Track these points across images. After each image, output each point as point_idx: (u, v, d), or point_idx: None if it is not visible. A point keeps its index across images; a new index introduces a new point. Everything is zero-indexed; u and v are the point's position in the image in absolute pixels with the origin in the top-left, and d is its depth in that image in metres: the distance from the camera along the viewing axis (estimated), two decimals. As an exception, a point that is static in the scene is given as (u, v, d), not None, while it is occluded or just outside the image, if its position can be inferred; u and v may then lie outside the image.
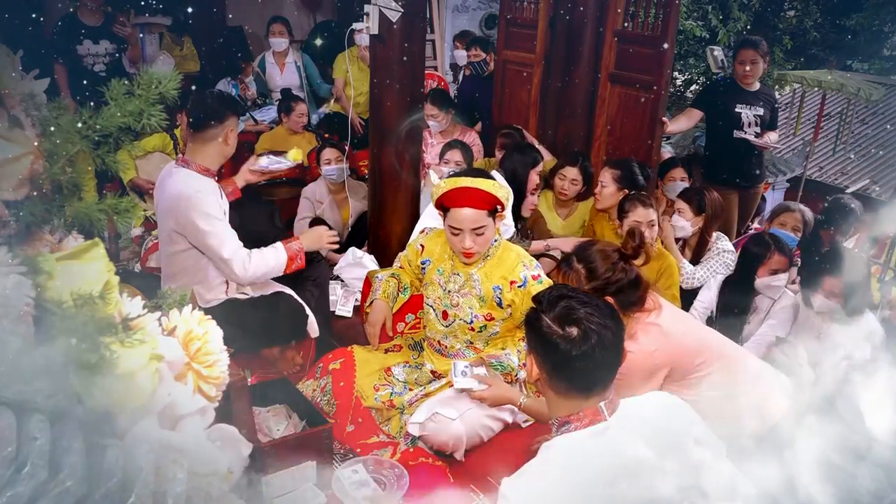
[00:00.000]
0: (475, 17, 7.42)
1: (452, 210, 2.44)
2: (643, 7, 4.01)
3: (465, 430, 2.40)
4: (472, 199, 2.41)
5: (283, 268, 2.80)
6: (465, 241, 2.44)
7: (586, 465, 1.40)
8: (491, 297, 2.52)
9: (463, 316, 2.58)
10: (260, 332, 2.83)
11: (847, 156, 8.16)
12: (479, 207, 2.41)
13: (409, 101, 3.49)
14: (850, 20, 7.57)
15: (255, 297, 2.93)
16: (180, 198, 2.62)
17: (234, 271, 2.68)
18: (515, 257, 2.54)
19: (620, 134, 4.24)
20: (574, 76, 4.36)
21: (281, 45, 5.61)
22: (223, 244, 2.64)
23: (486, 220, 2.43)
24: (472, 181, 2.46)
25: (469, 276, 2.56)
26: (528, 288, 2.48)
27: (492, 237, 2.51)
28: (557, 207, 4.09)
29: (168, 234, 2.73)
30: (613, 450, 1.41)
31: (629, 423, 1.45)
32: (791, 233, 3.69)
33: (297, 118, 5.01)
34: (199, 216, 2.60)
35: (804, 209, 3.84)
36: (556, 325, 1.44)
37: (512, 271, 2.51)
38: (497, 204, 2.46)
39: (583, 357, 1.41)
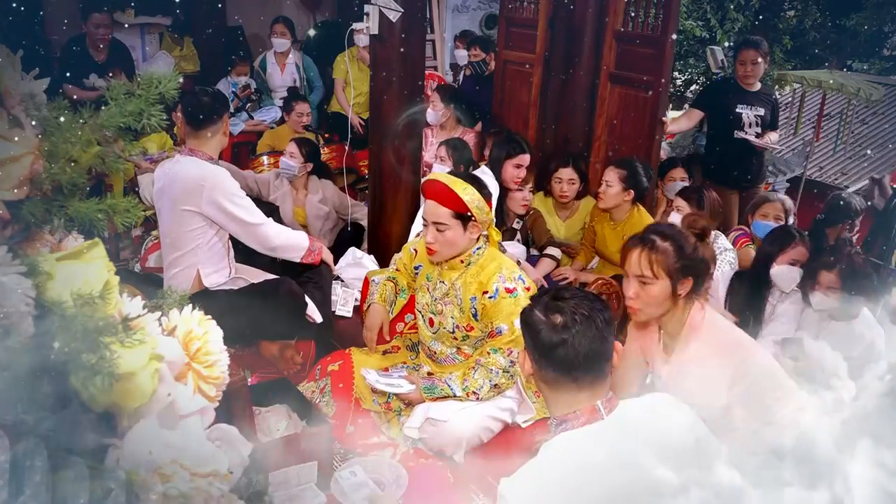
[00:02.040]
0: (475, 17, 7.42)
1: (424, 201, 2.50)
2: (643, 7, 4.01)
3: (463, 431, 2.40)
4: (435, 192, 2.44)
5: (303, 249, 3.09)
6: (428, 234, 2.46)
7: (584, 465, 1.40)
8: (468, 307, 2.49)
9: (446, 325, 2.56)
10: (261, 317, 2.91)
11: (847, 156, 8.15)
12: (441, 203, 2.41)
13: (409, 101, 3.49)
14: (850, 20, 7.57)
15: (255, 282, 3.05)
16: (203, 179, 2.81)
17: (268, 234, 2.95)
18: (495, 268, 2.47)
19: (620, 134, 4.24)
20: (574, 76, 4.35)
21: (283, 45, 5.61)
22: (254, 213, 2.92)
23: (450, 219, 2.41)
24: (441, 175, 2.51)
25: (452, 284, 2.53)
26: (497, 300, 2.41)
27: (456, 240, 2.45)
28: (558, 210, 4.09)
29: (178, 215, 2.86)
30: (611, 449, 1.41)
31: (627, 422, 1.46)
32: (773, 223, 3.67)
33: (299, 118, 5.02)
34: (226, 194, 2.84)
35: (783, 198, 3.82)
36: (541, 314, 1.48)
37: (487, 281, 2.46)
38: (463, 209, 2.41)
39: (563, 343, 1.43)
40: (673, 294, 2.01)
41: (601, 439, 1.43)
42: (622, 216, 3.67)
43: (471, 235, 2.47)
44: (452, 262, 2.53)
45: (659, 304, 2.03)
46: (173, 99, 1.32)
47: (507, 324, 2.40)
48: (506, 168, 3.65)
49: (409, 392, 2.45)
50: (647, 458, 1.38)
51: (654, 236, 2.04)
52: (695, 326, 2.07)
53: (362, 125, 5.38)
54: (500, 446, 2.45)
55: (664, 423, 1.49)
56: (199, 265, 2.93)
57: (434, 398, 2.47)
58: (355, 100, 5.28)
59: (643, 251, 2.02)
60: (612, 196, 3.63)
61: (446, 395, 2.46)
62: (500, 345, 2.42)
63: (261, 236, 2.96)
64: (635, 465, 1.38)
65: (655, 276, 2.00)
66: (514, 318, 2.38)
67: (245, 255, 3.15)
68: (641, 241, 2.05)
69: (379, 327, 2.72)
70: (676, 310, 2.07)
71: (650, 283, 2.01)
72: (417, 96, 3.58)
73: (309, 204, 4.09)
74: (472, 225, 2.44)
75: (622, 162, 3.72)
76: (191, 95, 2.90)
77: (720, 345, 2.05)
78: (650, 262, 2.00)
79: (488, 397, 2.45)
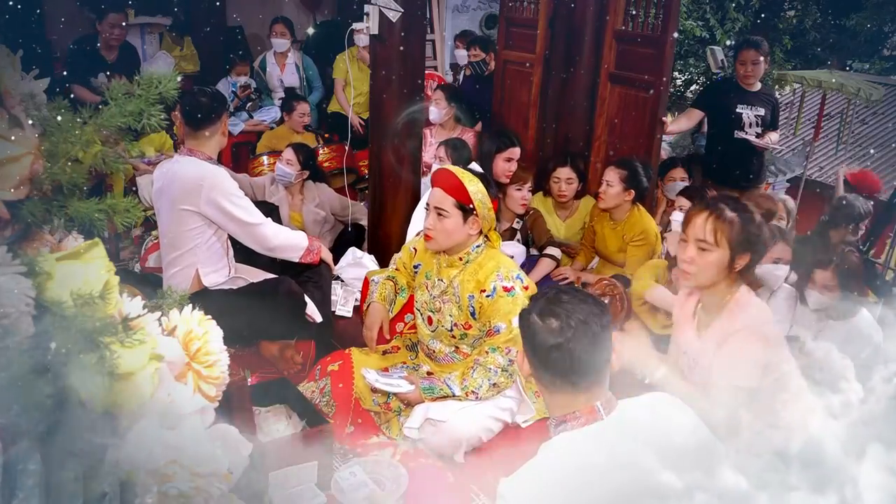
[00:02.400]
0: (475, 17, 7.42)
1: (431, 190, 2.54)
2: (643, 7, 4.01)
3: (463, 431, 2.40)
4: (443, 180, 2.48)
5: (302, 249, 3.08)
6: (428, 219, 2.49)
7: (584, 465, 1.40)
8: (466, 305, 2.50)
9: (444, 323, 2.56)
10: (260, 317, 2.92)
11: (847, 156, 8.15)
12: (447, 191, 2.45)
13: (409, 101, 3.49)
14: (850, 20, 7.56)
15: (255, 282, 3.06)
16: (202, 179, 2.82)
17: (266, 234, 2.95)
18: (493, 266, 2.49)
19: (620, 134, 4.24)
20: (574, 76, 4.35)
21: (283, 45, 5.61)
22: (252, 213, 2.93)
23: (452, 208, 2.44)
24: (452, 167, 2.56)
25: (450, 282, 2.54)
26: (495, 299, 2.43)
27: (454, 231, 2.47)
28: (557, 210, 4.09)
29: (177, 215, 2.87)
30: (610, 450, 1.41)
31: (627, 423, 1.46)
32: (775, 222, 3.66)
33: (299, 118, 5.02)
34: (224, 194, 2.85)
35: (786, 198, 3.84)
36: (538, 318, 1.47)
37: (485, 280, 2.47)
38: (466, 200, 2.45)
39: (558, 347, 1.43)
40: (729, 266, 2.00)
41: (600, 440, 1.43)
42: (622, 216, 3.67)
43: (469, 230, 2.48)
44: (451, 259, 2.54)
45: (713, 273, 2.02)
46: (173, 99, 1.32)
47: (505, 322, 2.41)
48: (497, 162, 3.65)
49: (409, 392, 2.45)
50: (647, 458, 1.38)
51: (723, 205, 2.03)
52: (740, 306, 2.05)
53: (362, 125, 5.38)
54: (500, 446, 2.45)
55: (664, 424, 1.49)
56: (198, 265, 2.93)
57: (434, 398, 2.47)
58: (355, 100, 5.28)
59: (709, 217, 2.01)
60: (612, 196, 3.63)
61: (445, 395, 2.46)
62: (498, 343, 2.42)
63: (259, 236, 2.96)
64: (635, 466, 1.37)
65: (716, 244, 1.99)
66: (511, 316, 2.39)
67: (244, 255, 3.16)
68: (709, 207, 2.03)
69: (379, 326, 2.72)
70: (723, 285, 2.05)
71: (709, 251, 2.00)
72: (417, 96, 3.58)
73: (305, 209, 4.09)
74: (472, 219, 2.47)
75: (623, 162, 3.72)
76: (189, 95, 2.90)
77: (764, 332, 2.03)
78: (714, 229, 1.99)
79: (487, 396, 2.45)
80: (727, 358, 2.02)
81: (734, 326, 2.04)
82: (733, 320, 2.06)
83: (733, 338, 2.03)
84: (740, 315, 2.05)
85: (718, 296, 2.08)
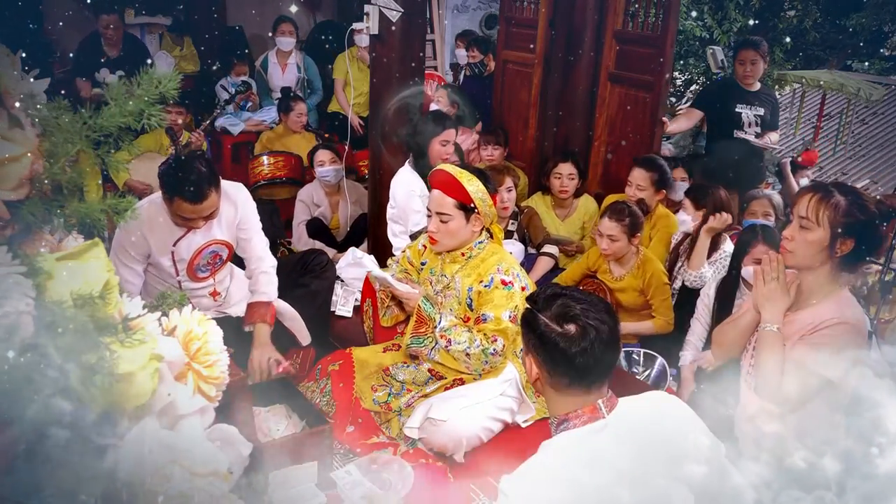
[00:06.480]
0: (475, 17, 7.42)
1: (430, 191, 2.56)
2: (643, 7, 4.01)
3: (463, 431, 2.39)
4: (441, 182, 2.50)
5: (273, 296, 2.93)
6: (431, 223, 2.52)
7: (585, 463, 1.40)
8: (465, 297, 2.53)
9: None
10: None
11: (847, 156, 8.15)
12: (446, 193, 2.47)
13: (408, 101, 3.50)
14: (850, 20, 7.55)
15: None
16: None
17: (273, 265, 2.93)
18: (496, 261, 2.52)
19: (620, 134, 4.24)
20: (574, 76, 4.36)
21: (288, 44, 5.62)
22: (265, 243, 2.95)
23: (454, 210, 2.47)
24: (448, 166, 2.57)
25: (453, 277, 2.57)
26: (491, 289, 2.46)
27: (458, 231, 2.50)
28: (556, 208, 4.08)
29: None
30: (611, 447, 1.41)
31: (628, 421, 1.46)
32: (762, 220, 3.61)
33: (297, 118, 5.02)
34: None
35: (771, 193, 3.81)
36: (553, 324, 1.46)
37: (485, 273, 2.50)
38: (467, 200, 2.46)
39: (582, 353, 1.43)
40: (829, 249, 1.95)
41: (602, 438, 1.43)
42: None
43: (473, 228, 2.52)
44: (454, 255, 2.57)
45: (811, 253, 1.97)
46: (173, 99, 1.32)
47: (494, 313, 2.44)
48: (433, 146, 3.43)
49: (407, 292, 2.53)
50: (648, 457, 1.38)
51: (833, 188, 1.99)
52: (842, 301, 1.99)
53: (362, 125, 5.38)
54: (501, 446, 2.45)
55: (665, 422, 1.49)
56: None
57: (419, 348, 2.53)
58: (355, 100, 5.29)
59: (814, 196, 1.98)
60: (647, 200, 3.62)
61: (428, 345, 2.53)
62: (487, 331, 2.45)
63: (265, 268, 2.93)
64: (636, 464, 1.37)
65: (817, 223, 1.94)
66: (501, 310, 2.43)
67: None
68: (818, 188, 2.01)
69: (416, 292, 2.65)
70: (824, 271, 2.00)
71: (809, 229, 1.96)
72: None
73: (349, 209, 4.22)
74: (474, 217, 2.50)
75: (649, 163, 3.69)
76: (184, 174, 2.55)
77: (862, 332, 1.97)
78: (817, 207, 1.95)
79: (455, 357, 2.48)
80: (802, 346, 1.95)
81: (832, 317, 1.97)
82: (832, 312, 1.98)
83: (831, 329, 1.96)
84: (842, 310, 1.98)
85: (816, 285, 2.02)
